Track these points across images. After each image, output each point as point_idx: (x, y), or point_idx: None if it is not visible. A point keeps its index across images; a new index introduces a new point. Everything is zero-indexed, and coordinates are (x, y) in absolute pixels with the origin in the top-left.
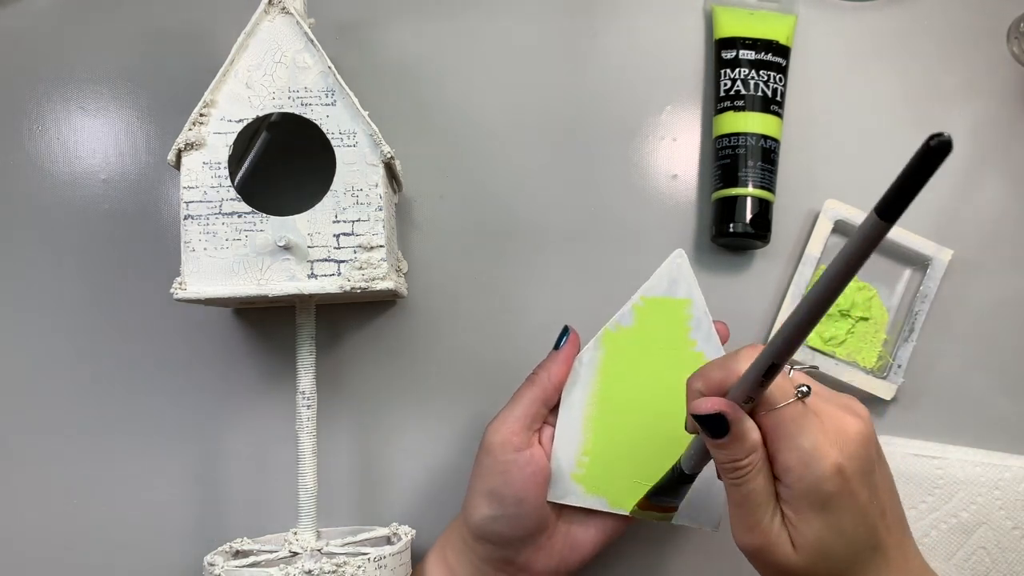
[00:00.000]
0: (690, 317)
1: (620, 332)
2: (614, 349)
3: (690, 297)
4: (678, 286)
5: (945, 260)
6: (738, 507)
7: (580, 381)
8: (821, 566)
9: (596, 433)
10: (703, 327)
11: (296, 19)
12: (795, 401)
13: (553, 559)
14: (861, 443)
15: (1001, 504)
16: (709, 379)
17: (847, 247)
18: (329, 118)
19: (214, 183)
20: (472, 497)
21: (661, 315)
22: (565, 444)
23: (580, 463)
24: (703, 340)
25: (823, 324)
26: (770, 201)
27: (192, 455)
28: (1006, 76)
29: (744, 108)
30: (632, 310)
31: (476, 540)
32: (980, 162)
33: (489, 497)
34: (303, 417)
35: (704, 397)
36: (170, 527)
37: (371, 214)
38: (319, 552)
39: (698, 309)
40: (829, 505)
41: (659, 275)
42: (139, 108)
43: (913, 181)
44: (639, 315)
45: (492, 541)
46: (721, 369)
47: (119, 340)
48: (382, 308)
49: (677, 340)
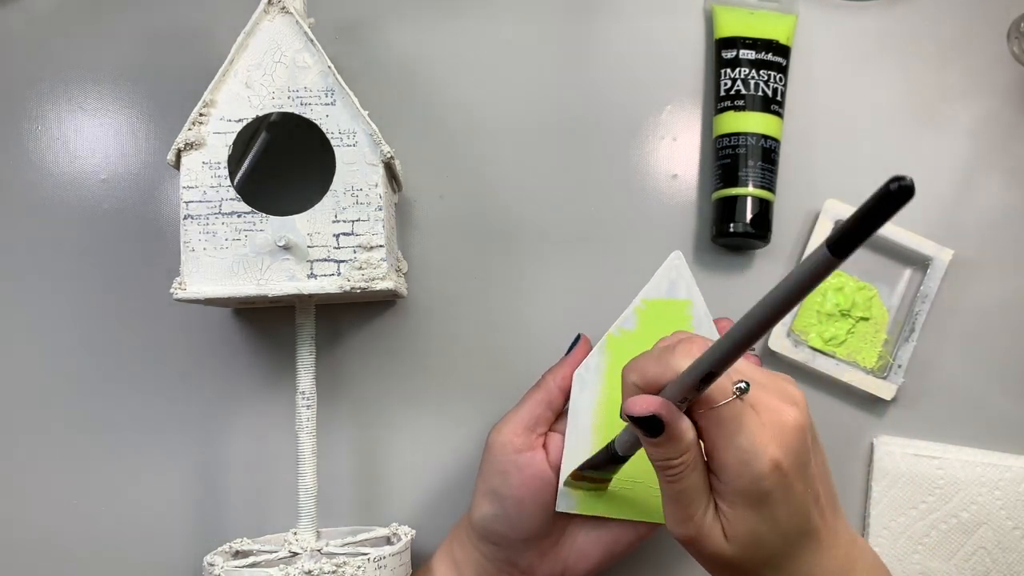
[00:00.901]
0: (691, 318)
1: (624, 336)
2: (618, 353)
3: (690, 298)
4: (678, 287)
5: (946, 260)
6: (672, 501)
7: (587, 388)
8: (754, 555)
9: (604, 439)
10: (704, 327)
11: (296, 19)
12: (733, 399)
13: (558, 566)
14: (798, 435)
15: (1001, 504)
16: (644, 373)
17: (793, 276)
18: (329, 118)
19: (214, 183)
20: (475, 496)
21: (663, 317)
22: (574, 452)
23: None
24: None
25: (823, 324)
26: (770, 201)
27: (192, 455)
28: (1006, 76)
29: (744, 108)
30: (634, 313)
31: (480, 539)
32: (980, 162)
33: (490, 496)
34: (303, 417)
35: (639, 395)
36: (170, 527)
37: (371, 214)
38: (319, 552)
39: (699, 310)
40: (765, 500)
41: (658, 277)
42: (139, 108)
43: (869, 222)
44: (641, 318)
45: (494, 541)
46: (657, 363)
47: (119, 340)
48: (382, 308)
49: None
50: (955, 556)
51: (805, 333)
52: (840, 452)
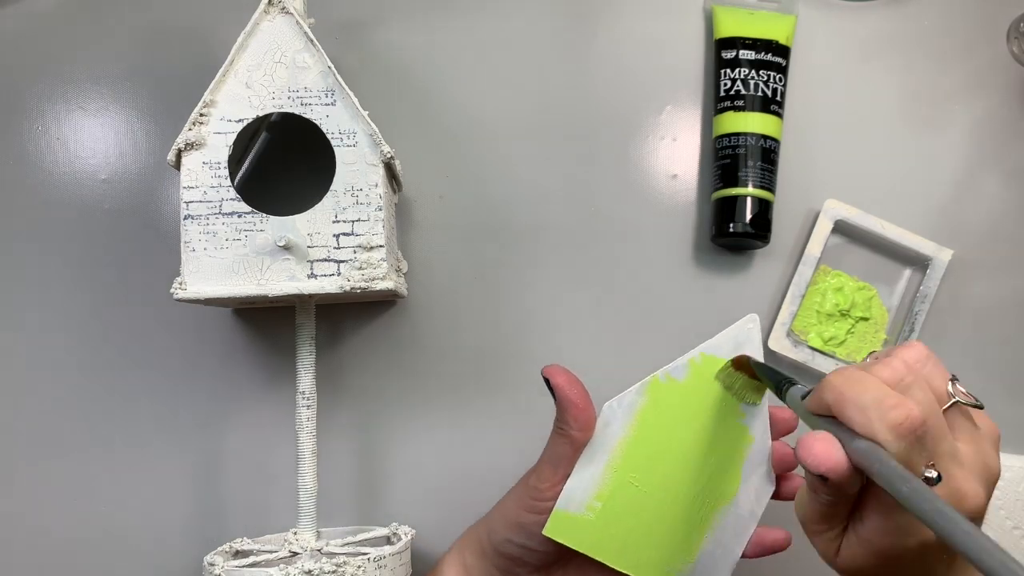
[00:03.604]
0: None
1: (669, 384)
2: (658, 399)
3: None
4: (743, 351)
5: (945, 260)
6: (810, 503)
7: (614, 424)
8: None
9: (616, 481)
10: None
11: (296, 19)
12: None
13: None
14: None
15: (1001, 504)
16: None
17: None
18: (329, 118)
19: (214, 183)
20: (502, 520)
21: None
22: (580, 483)
23: (591, 507)
24: (752, 416)
25: (823, 324)
26: (770, 201)
27: (192, 455)
28: (1006, 76)
29: (744, 108)
30: (687, 364)
31: (495, 554)
32: (980, 162)
33: (518, 529)
34: (303, 417)
35: (831, 443)
36: (170, 527)
37: (371, 214)
38: (319, 552)
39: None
40: (893, 566)
41: (726, 336)
42: (139, 108)
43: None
44: (694, 371)
45: (510, 559)
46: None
47: (119, 340)
48: (382, 308)
49: (727, 409)
50: None
51: (805, 333)
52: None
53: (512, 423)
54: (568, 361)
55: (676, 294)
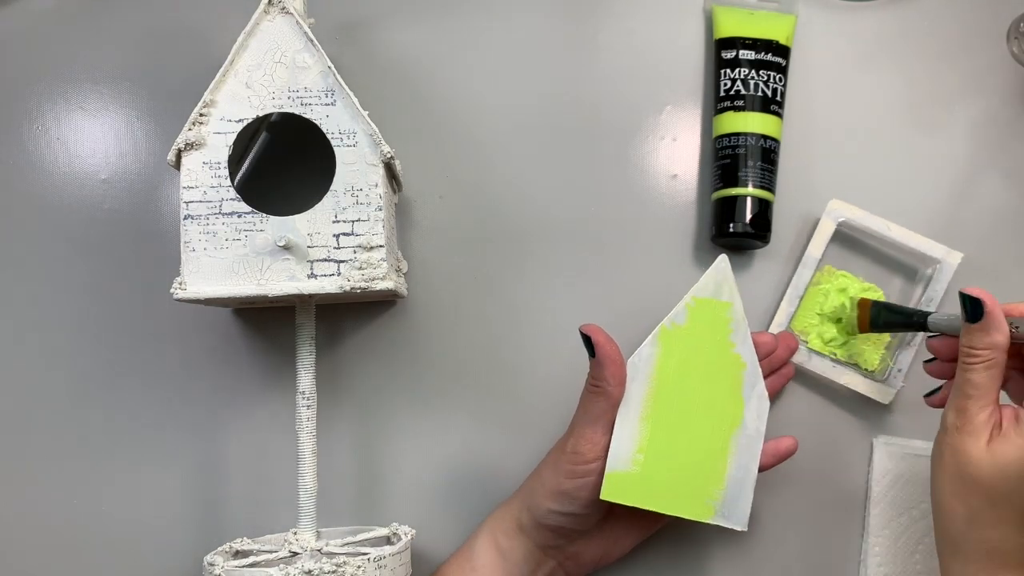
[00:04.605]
0: (731, 319)
1: (675, 329)
2: (669, 346)
3: (732, 301)
4: (722, 289)
5: (954, 264)
6: (956, 389)
7: (639, 377)
8: (999, 484)
9: (651, 431)
10: (741, 330)
11: (296, 19)
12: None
13: (600, 550)
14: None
15: None
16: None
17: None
18: (329, 118)
19: (214, 183)
20: (542, 491)
21: (709, 316)
22: (622, 441)
23: (635, 461)
24: (740, 343)
25: (823, 325)
26: (770, 201)
27: (192, 455)
28: (1006, 76)
29: (744, 108)
30: (685, 308)
31: (536, 528)
32: (979, 162)
33: (562, 497)
34: (303, 417)
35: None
36: (170, 527)
37: (371, 214)
38: (319, 552)
39: (737, 313)
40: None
41: (707, 278)
42: (139, 108)
43: None
44: (691, 314)
45: (553, 530)
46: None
47: (119, 340)
48: (382, 308)
49: (720, 341)
50: None
51: (805, 333)
52: (840, 452)
53: (512, 423)
54: (569, 361)
55: (676, 294)
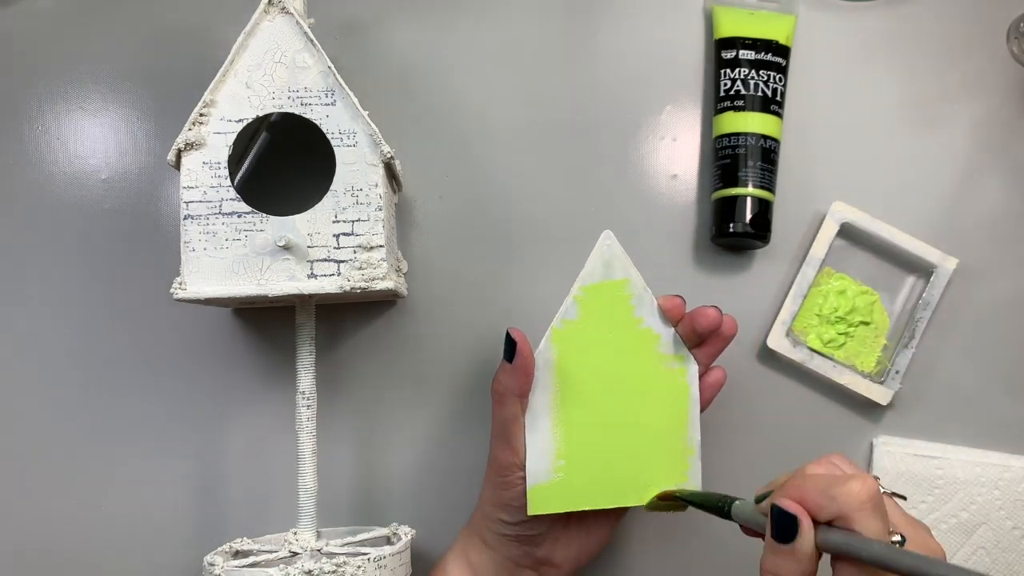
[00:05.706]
0: (631, 296)
1: (567, 326)
2: (565, 345)
3: (627, 276)
4: (613, 268)
5: (950, 269)
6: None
7: (540, 385)
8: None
9: (566, 434)
10: (645, 303)
11: (296, 19)
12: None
13: (572, 548)
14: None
15: (1001, 504)
16: (805, 501)
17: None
18: (329, 118)
19: (214, 183)
20: (489, 505)
21: (603, 300)
22: (538, 453)
23: (558, 469)
24: (648, 316)
25: (822, 326)
26: (770, 201)
27: (192, 455)
28: (1006, 76)
29: (744, 108)
30: (574, 302)
31: (498, 540)
32: (979, 162)
33: (505, 508)
34: (303, 417)
35: (789, 499)
36: (170, 527)
37: (371, 214)
38: (319, 552)
39: (637, 287)
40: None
41: (592, 261)
42: (139, 108)
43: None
44: (582, 305)
45: (514, 539)
46: (822, 496)
47: (119, 340)
48: (382, 308)
49: (624, 321)
50: (955, 556)
51: (804, 334)
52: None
53: None
54: None
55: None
